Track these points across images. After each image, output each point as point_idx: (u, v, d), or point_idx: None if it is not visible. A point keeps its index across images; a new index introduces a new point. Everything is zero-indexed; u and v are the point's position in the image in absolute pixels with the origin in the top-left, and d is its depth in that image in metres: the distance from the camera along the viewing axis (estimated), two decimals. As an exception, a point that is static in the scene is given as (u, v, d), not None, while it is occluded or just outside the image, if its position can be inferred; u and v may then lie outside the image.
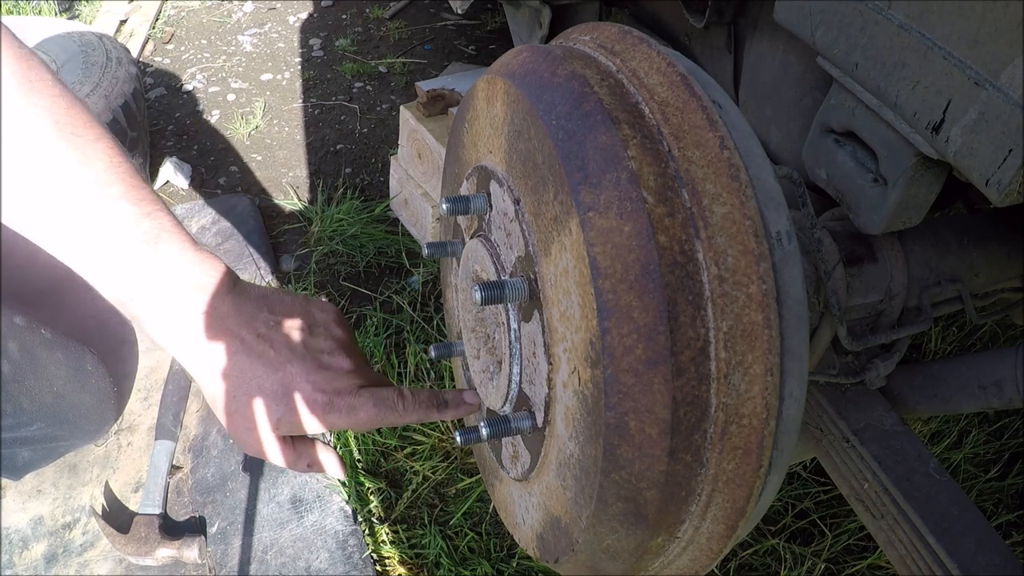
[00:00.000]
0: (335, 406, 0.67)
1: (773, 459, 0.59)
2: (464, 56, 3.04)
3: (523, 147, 0.64)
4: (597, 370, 0.54)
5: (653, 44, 0.64)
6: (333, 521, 1.54)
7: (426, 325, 1.92)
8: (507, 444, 0.77)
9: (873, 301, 0.95)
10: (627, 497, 0.57)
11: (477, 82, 0.77)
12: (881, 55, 0.72)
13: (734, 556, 1.55)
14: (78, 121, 0.63)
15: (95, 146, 0.63)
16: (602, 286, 0.53)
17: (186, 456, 1.66)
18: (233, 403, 0.67)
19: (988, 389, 0.92)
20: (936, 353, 1.96)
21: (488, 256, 0.73)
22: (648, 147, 0.57)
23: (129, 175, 0.64)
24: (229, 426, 0.68)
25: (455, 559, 1.50)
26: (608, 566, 0.64)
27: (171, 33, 3.15)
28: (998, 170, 0.62)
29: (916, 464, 0.93)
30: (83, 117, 0.64)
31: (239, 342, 0.66)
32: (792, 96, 1.04)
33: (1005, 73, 0.59)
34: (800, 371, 0.58)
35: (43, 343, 1.42)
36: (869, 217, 0.84)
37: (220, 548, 1.50)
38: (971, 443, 1.75)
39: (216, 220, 2.18)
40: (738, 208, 0.55)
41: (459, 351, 0.87)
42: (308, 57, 3.05)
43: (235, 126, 2.66)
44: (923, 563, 0.87)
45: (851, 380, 0.99)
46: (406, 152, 2.09)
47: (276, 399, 0.67)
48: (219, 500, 1.58)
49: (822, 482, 1.65)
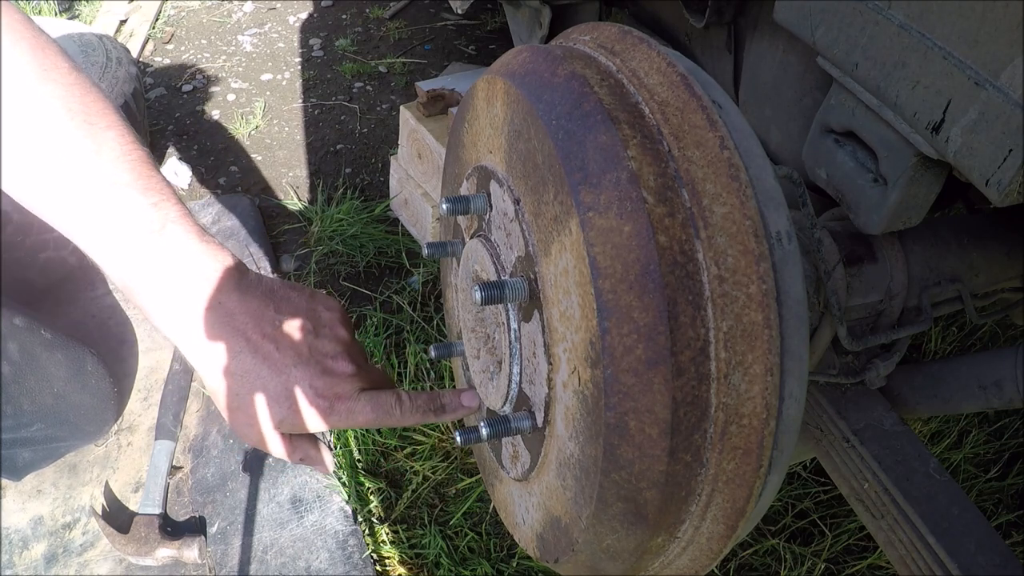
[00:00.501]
0: (335, 410, 0.69)
1: (773, 459, 0.59)
2: (464, 56, 3.04)
3: (523, 147, 0.64)
4: (597, 370, 0.54)
5: (653, 44, 0.64)
6: (333, 521, 1.54)
7: (426, 325, 1.92)
8: (507, 444, 0.77)
9: (873, 301, 0.95)
10: (627, 497, 0.57)
11: (477, 82, 0.77)
12: (881, 55, 0.72)
13: (734, 556, 1.55)
14: (92, 109, 0.64)
15: (107, 134, 0.64)
16: (602, 286, 0.53)
17: (186, 456, 1.66)
18: (236, 400, 0.68)
19: (988, 389, 0.92)
20: (936, 353, 1.96)
21: (488, 256, 0.73)
22: (648, 147, 0.57)
23: (140, 163, 0.65)
24: (230, 420, 0.69)
25: (455, 559, 1.50)
26: (608, 566, 0.64)
27: (171, 33, 3.15)
28: (998, 170, 0.62)
29: (916, 464, 0.93)
30: (98, 105, 0.65)
31: (244, 341, 0.66)
32: (792, 96, 1.04)
33: (1005, 73, 0.59)
34: (800, 371, 0.58)
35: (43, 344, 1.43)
36: (869, 217, 0.84)
37: (220, 548, 1.50)
38: (971, 443, 1.75)
39: (216, 220, 2.19)
40: (738, 208, 0.55)
41: (459, 351, 0.87)
42: (308, 57, 3.05)
43: (235, 126, 2.66)
44: (923, 563, 0.87)
45: (851, 380, 0.99)
46: (406, 152, 2.09)
47: (279, 401, 0.67)
48: (219, 500, 1.58)
49: (822, 482, 1.65)
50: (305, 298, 0.72)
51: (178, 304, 0.66)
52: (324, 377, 0.68)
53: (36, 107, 0.61)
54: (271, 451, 0.72)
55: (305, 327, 0.70)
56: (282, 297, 0.71)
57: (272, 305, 0.69)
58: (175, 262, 0.65)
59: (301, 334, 0.69)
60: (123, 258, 0.64)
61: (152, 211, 0.64)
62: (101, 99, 0.65)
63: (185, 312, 0.66)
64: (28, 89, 0.61)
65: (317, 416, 0.68)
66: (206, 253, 0.67)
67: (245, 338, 0.66)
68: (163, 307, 0.66)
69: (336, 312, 0.74)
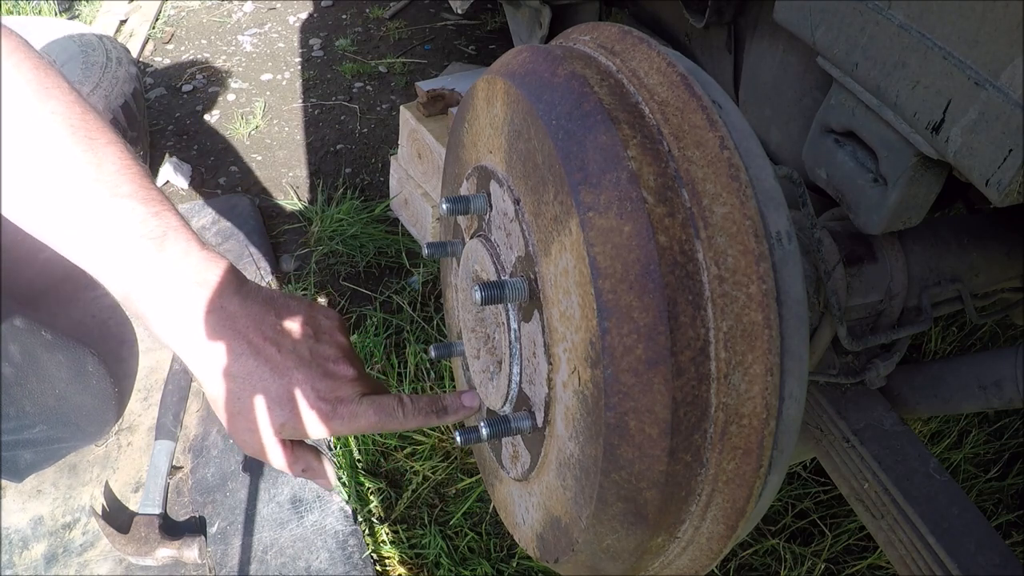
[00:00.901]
0: (338, 413, 0.68)
1: (773, 459, 0.59)
2: (464, 56, 3.04)
3: (523, 147, 0.64)
4: (597, 370, 0.54)
5: (653, 44, 0.64)
6: (333, 521, 1.54)
7: (426, 325, 1.92)
8: (507, 444, 0.77)
9: (873, 301, 0.95)
10: (627, 497, 0.57)
11: (477, 82, 0.77)
12: (881, 55, 0.72)
13: (734, 556, 1.55)
14: (92, 126, 0.66)
15: (107, 149, 0.66)
16: (602, 286, 0.53)
17: (186, 456, 1.66)
18: (236, 404, 0.67)
19: (988, 389, 0.92)
20: (936, 353, 1.96)
21: (488, 256, 0.73)
22: (648, 147, 0.57)
23: (139, 176, 0.67)
24: (230, 426, 0.69)
25: (455, 559, 1.50)
26: (608, 566, 0.64)
27: (171, 33, 3.16)
28: (998, 170, 0.62)
29: (916, 464, 0.93)
30: (97, 123, 0.67)
31: (246, 343, 0.67)
32: (792, 96, 1.04)
33: (1005, 73, 0.59)
34: (800, 371, 0.58)
35: (44, 345, 1.43)
36: (869, 217, 0.84)
37: (220, 548, 1.50)
38: (971, 443, 1.75)
39: (216, 220, 2.18)
40: (738, 208, 0.55)
41: (459, 351, 0.87)
42: (308, 57, 3.05)
43: (235, 126, 2.66)
44: (923, 563, 0.87)
45: (851, 380, 0.99)
46: (406, 152, 2.09)
47: (280, 404, 0.67)
48: (219, 500, 1.58)
49: (822, 482, 1.65)
50: (304, 306, 0.73)
51: (179, 308, 0.66)
52: (326, 380, 0.68)
53: (38, 124, 0.63)
54: (271, 461, 0.71)
55: (306, 332, 0.70)
56: (282, 304, 0.71)
57: (273, 311, 0.70)
58: (176, 268, 0.66)
59: (302, 338, 0.69)
60: (123, 266, 0.65)
61: (153, 219, 0.65)
62: (99, 118, 0.68)
63: (186, 316, 0.66)
64: (30, 108, 0.63)
65: (319, 420, 0.68)
66: (207, 259, 0.67)
67: (246, 340, 0.67)
68: (164, 312, 0.66)
69: (335, 320, 0.74)
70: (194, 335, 0.66)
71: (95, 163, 0.64)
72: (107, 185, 0.64)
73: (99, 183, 0.64)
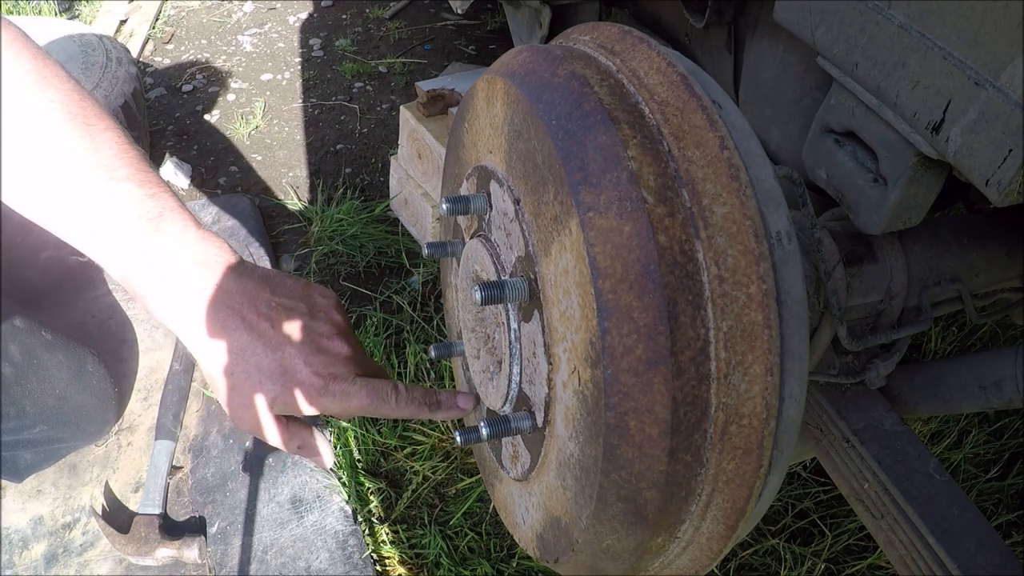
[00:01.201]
0: (330, 390, 0.69)
1: (773, 459, 0.59)
2: (464, 56, 3.04)
3: (523, 147, 0.65)
4: (597, 370, 0.54)
5: (653, 44, 0.64)
6: (333, 521, 1.54)
7: (426, 325, 1.92)
8: (507, 444, 0.77)
9: (873, 301, 0.95)
10: (627, 497, 0.57)
11: (477, 82, 0.77)
12: (881, 55, 0.72)
13: (734, 556, 1.55)
14: (89, 113, 0.67)
15: (104, 135, 0.67)
16: (602, 286, 0.53)
17: (186, 456, 1.66)
18: (230, 379, 0.68)
19: (988, 389, 0.92)
20: (936, 353, 1.96)
21: (488, 256, 0.73)
22: (648, 147, 0.57)
23: (136, 160, 0.68)
24: (227, 403, 0.69)
25: (455, 559, 1.50)
26: (608, 566, 0.64)
27: (171, 33, 3.15)
28: (998, 170, 0.62)
29: (916, 464, 0.93)
30: (94, 109, 0.68)
31: (240, 319, 0.67)
32: (792, 96, 1.04)
33: (1005, 73, 0.59)
34: (800, 371, 0.58)
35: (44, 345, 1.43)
36: (869, 217, 0.84)
37: (220, 548, 1.50)
38: (971, 443, 1.75)
39: (216, 220, 2.19)
40: (738, 208, 0.55)
41: (459, 351, 0.87)
42: (308, 57, 3.05)
43: (235, 126, 2.66)
44: (923, 563, 0.87)
45: (851, 380, 0.99)
46: (406, 152, 2.09)
47: (273, 378, 0.68)
48: (219, 500, 1.58)
49: (822, 482, 1.65)
50: (300, 284, 0.74)
51: (176, 287, 0.67)
52: (319, 355, 0.69)
53: (37, 112, 0.64)
54: (267, 437, 0.71)
55: (300, 309, 0.71)
56: (278, 282, 0.72)
57: (268, 288, 0.70)
58: (173, 248, 0.67)
59: (297, 315, 0.70)
60: (121, 247, 0.66)
61: (149, 201, 0.66)
62: (96, 105, 0.68)
63: (183, 295, 0.67)
64: (29, 96, 0.64)
65: (311, 394, 0.68)
66: (203, 239, 0.69)
67: (240, 316, 0.67)
68: (161, 292, 0.67)
69: (331, 299, 0.75)
70: (190, 313, 0.67)
71: (93, 148, 0.65)
72: (104, 169, 0.65)
73: (97, 168, 0.65)
